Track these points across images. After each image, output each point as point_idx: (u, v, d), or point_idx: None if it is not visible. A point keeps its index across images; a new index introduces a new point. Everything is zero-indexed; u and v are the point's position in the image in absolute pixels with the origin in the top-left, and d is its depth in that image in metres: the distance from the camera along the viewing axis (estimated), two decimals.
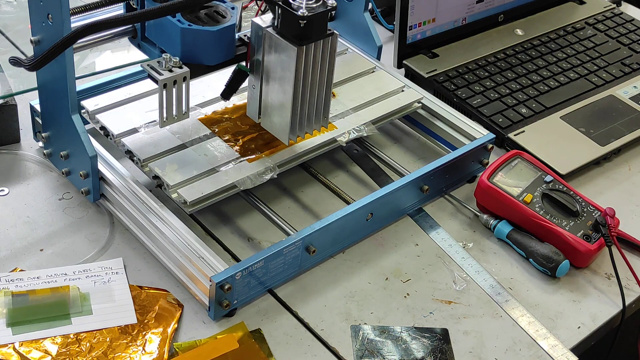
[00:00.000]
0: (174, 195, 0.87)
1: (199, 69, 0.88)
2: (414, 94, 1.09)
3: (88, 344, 0.78)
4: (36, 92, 0.94)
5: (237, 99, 1.01)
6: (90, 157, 0.88)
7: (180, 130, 0.95)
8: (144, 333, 0.80)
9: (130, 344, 0.79)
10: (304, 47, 0.83)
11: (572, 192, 0.98)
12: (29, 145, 1.02)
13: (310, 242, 0.87)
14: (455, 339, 0.85)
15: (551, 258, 0.92)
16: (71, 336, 0.79)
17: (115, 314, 0.82)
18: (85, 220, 0.93)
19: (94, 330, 0.80)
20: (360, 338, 0.84)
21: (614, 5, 1.47)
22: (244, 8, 1.34)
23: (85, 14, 0.87)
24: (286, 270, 0.87)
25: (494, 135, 1.05)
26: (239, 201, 0.96)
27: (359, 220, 0.92)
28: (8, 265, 0.86)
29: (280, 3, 0.82)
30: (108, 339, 0.79)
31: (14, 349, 0.77)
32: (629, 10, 1.52)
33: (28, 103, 0.99)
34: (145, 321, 0.81)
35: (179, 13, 0.86)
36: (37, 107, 0.96)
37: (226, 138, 0.95)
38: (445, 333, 0.85)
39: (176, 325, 0.81)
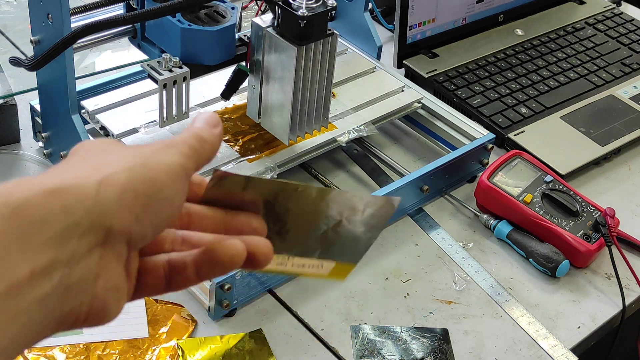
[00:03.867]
0: None
1: (199, 69, 0.88)
2: (414, 94, 1.09)
3: (96, 355, 0.78)
4: (36, 92, 0.94)
5: (237, 99, 1.01)
6: None
7: (180, 130, 0.94)
8: (153, 348, 0.79)
9: (138, 358, 0.78)
10: (304, 47, 0.83)
11: (572, 192, 0.98)
12: (29, 145, 1.02)
13: None
14: (455, 339, 0.85)
15: (551, 258, 0.92)
16: (81, 346, 0.78)
17: (127, 326, 0.81)
18: None
19: (103, 342, 0.79)
20: (360, 338, 0.84)
21: (614, 5, 1.47)
22: (244, 8, 1.34)
23: (85, 14, 0.87)
24: None
25: (494, 135, 1.05)
26: None
27: None
28: None
29: (280, 3, 0.82)
30: (117, 351, 0.78)
31: (22, 355, 0.76)
32: (629, 10, 1.52)
33: (28, 103, 0.99)
34: (157, 335, 0.81)
35: (179, 13, 0.86)
36: (37, 107, 0.96)
37: (226, 138, 0.95)
38: (445, 333, 0.85)
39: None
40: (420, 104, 1.09)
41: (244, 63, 0.90)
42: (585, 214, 0.96)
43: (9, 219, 0.33)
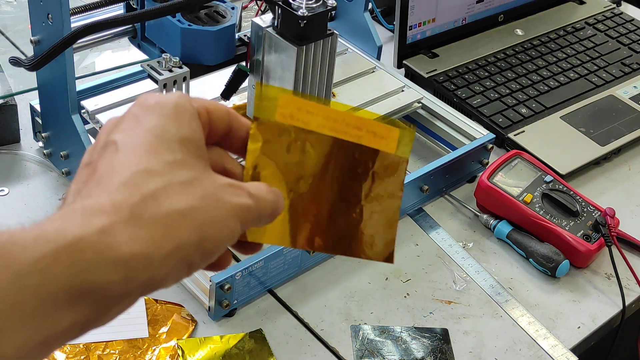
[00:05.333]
0: None
1: (199, 69, 0.88)
2: (414, 94, 1.09)
3: (96, 355, 0.78)
4: (36, 92, 0.94)
5: (237, 99, 1.01)
6: None
7: None
8: (153, 348, 0.79)
9: (138, 358, 0.78)
10: (304, 47, 0.83)
11: (572, 192, 0.98)
12: (29, 145, 1.02)
13: None
14: (455, 339, 0.85)
15: (551, 258, 0.92)
16: (80, 346, 0.78)
17: (127, 326, 0.80)
18: None
19: (103, 342, 0.79)
20: (360, 338, 0.84)
21: (614, 5, 1.47)
22: (244, 8, 1.34)
23: (85, 13, 0.87)
24: (286, 270, 0.86)
25: (494, 135, 1.05)
26: None
27: None
28: None
29: (280, 3, 0.82)
30: (117, 351, 0.78)
31: None
32: (629, 10, 1.52)
33: (28, 103, 0.99)
34: (157, 335, 0.80)
35: (179, 13, 0.86)
36: (37, 107, 0.95)
37: None
38: (445, 333, 0.85)
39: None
40: (420, 104, 1.09)
41: (244, 63, 0.90)
42: (585, 214, 0.96)
43: (70, 277, 0.33)
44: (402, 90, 1.09)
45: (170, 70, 0.84)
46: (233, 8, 0.90)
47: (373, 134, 0.48)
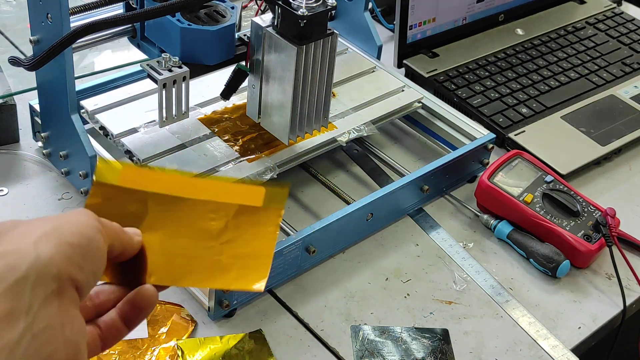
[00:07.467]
0: None
1: (198, 69, 0.88)
2: (414, 93, 1.09)
3: (95, 356, 0.77)
4: (35, 91, 0.94)
5: (237, 99, 1.01)
6: (90, 157, 0.88)
7: (180, 130, 0.94)
8: (153, 348, 0.79)
9: (138, 358, 0.78)
10: (304, 46, 0.83)
11: (572, 192, 0.98)
12: (28, 145, 1.02)
13: (310, 242, 0.86)
14: (455, 340, 0.85)
15: (552, 258, 0.92)
16: None
17: None
18: None
19: None
20: (360, 338, 0.83)
21: (615, 5, 1.47)
22: (243, 7, 1.34)
23: (84, 13, 0.87)
24: (286, 270, 0.86)
25: (495, 135, 1.05)
26: None
27: (359, 220, 0.92)
28: None
29: (280, 2, 0.82)
30: (116, 352, 0.78)
31: None
32: (630, 9, 1.52)
33: (27, 103, 0.99)
34: (156, 336, 0.80)
35: (178, 13, 0.86)
36: (37, 107, 0.95)
37: (226, 138, 0.95)
38: (445, 333, 0.85)
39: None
40: (421, 104, 1.09)
41: (243, 63, 0.90)
42: (585, 214, 0.96)
43: None
44: (402, 90, 1.09)
45: (170, 70, 0.83)
46: (233, 7, 0.90)
47: (228, 195, 0.53)
